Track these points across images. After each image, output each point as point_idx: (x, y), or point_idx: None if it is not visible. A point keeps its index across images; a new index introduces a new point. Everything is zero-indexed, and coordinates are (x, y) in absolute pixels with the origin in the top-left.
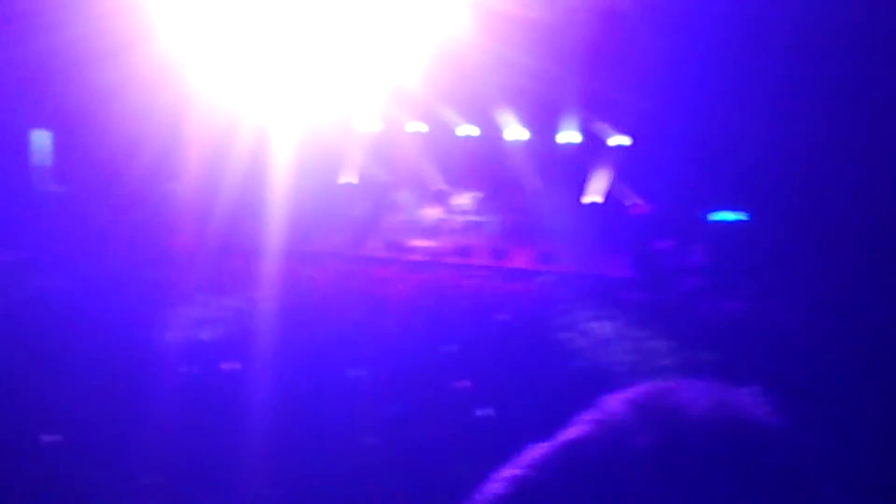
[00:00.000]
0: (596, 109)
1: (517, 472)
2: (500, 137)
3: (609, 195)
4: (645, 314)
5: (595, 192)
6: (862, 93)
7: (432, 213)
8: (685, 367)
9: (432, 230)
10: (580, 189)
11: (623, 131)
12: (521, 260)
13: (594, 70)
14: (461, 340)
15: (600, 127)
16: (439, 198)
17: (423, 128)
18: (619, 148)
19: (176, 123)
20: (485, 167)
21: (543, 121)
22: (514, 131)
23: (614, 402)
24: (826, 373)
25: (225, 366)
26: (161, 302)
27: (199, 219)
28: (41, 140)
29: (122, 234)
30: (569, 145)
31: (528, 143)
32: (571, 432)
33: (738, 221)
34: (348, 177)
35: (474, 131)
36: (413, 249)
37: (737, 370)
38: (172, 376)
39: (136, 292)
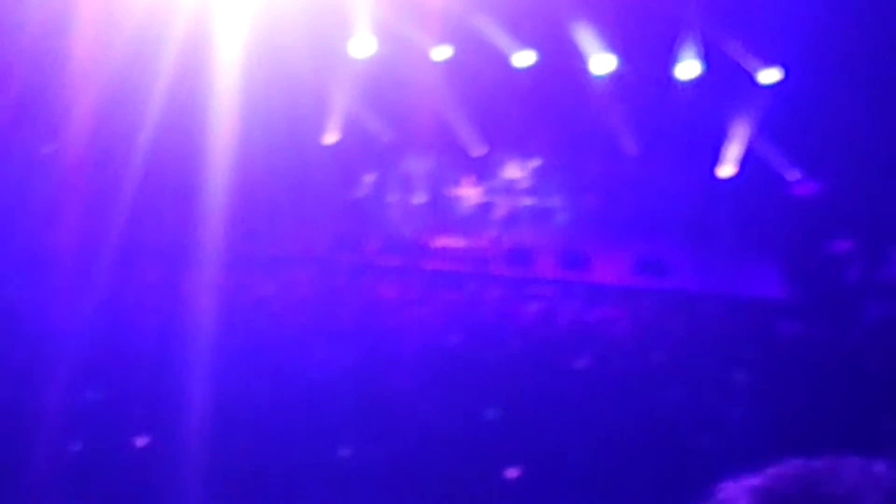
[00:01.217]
0: (732, 22)
1: None
2: (576, 68)
3: (753, 165)
4: (808, 360)
5: (731, 159)
6: None
7: (468, 193)
8: (861, 443)
9: (468, 221)
10: (706, 155)
11: (775, 59)
12: (608, 270)
13: None
14: (512, 402)
15: (738, 51)
16: (479, 168)
17: (449, 51)
18: (770, 87)
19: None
20: (551, 119)
21: (646, 41)
22: (600, 58)
23: (735, 491)
24: None
25: (139, 441)
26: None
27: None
28: None
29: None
30: (686, 81)
31: (621, 76)
32: None
33: None
34: (333, 133)
35: (532, 57)
36: (438, 253)
37: None
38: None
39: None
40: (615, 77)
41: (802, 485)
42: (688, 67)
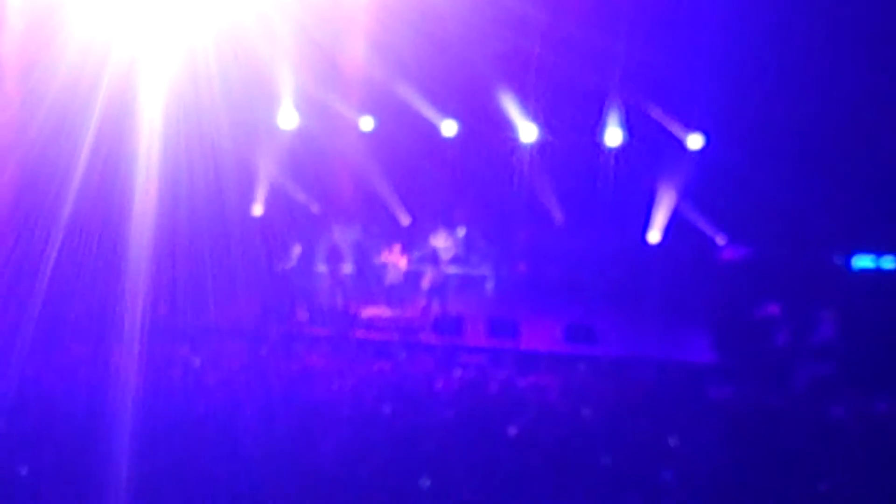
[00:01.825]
0: (655, 92)
1: None
2: (501, 137)
3: (680, 230)
4: (738, 423)
5: (658, 225)
6: None
7: (396, 262)
8: None
9: (396, 291)
10: (633, 221)
11: (699, 125)
12: (538, 338)
13: (642, 39)
14: (444, 470)
15: (662, 118)
16: (406, 237)
17: (372, 122)
18: (695, 153)
19: None
20: (478, 187)
21: (570, 109)
22: (525, 127)
23: None
24: None
25: None
26: None
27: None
28: None
29: None
30: (612, 148)
31: (547, 144)
32: None
33: (890, 272)
34: (260, 204)
35: (453, 128)
36: (367, 322)
37: None
38: None
39: None
40: (541, 145)
41: None
42: (613, 134)
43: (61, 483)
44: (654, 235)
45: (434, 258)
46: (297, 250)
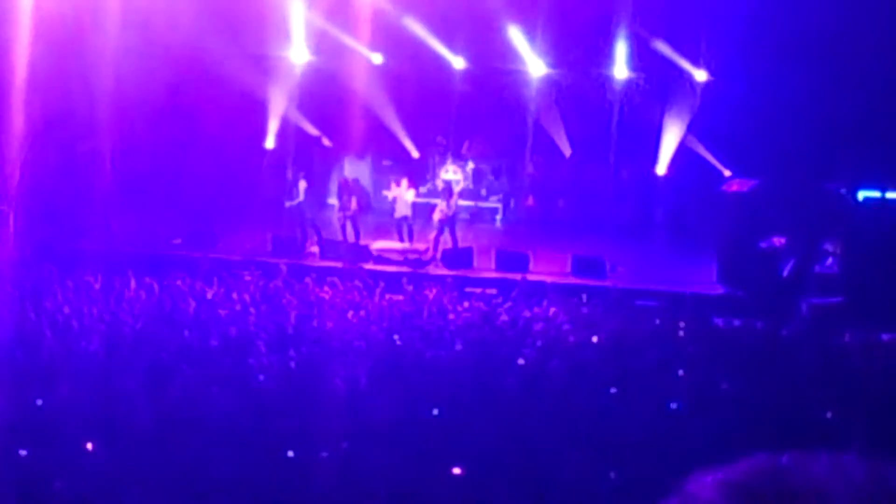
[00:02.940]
0: (663, 26)
1: None
2: (511, 71)
3: (689, 163)
4: (743, 356)
5: (666, 158)
6: None
7: (406, 195)
8: (804, 436)
9: (405, 223)
10: (641, 154)
11: (707, 59)
12: (546, 270)
13: None
14: (454, 399)
15: (671, 52)
16: (417, 171)
17: (382, 57)
18: (703, 86)
19: None
20: (488, 122)
21: (579, 43)
22: (535, 62)
23: (702, 486)
24: None
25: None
26: None
27: None
28: None
29: None
30: (620, 82)
31: (555, 78)
32: None
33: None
34: (273, 139)
35: (466, 61)
36: (376, 255)
37: (886, 438)
38: None
39: None
40: (549, 79)
41: (771, 479)
42: (620, 68)
43: (85, 416)
44: (661, 168)
45: (444, 191)
46: (303, 184)
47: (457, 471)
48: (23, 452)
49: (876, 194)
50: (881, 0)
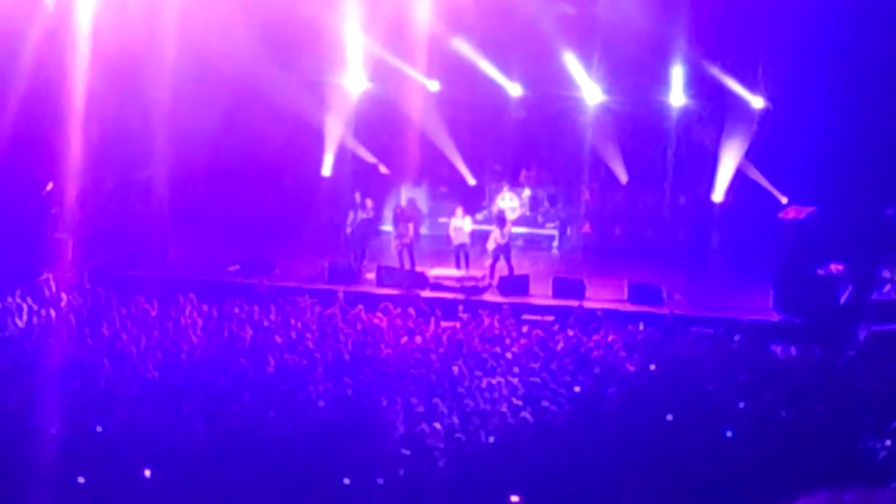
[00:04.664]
0: (719, 52)
1: None
2: (567, 98)
3: (746, 190)
4: (802, 383)
5: (723, 185)
6: None
7: (462, 223)
8: (861, 467)
9: (461, 251)
10: (698, 181)
11: (764, 86)
12: (604, 296)
13: None
14: (510, 426)
15: (728, 79)
16: (473, 198)
17: (438, 85)
18: (759, 113)
19: None
20: (544, 149)
21: (636, 70)
22: (591, 89)
23: None
24: None
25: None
26: None
27: None
28: None
29: None
30: (677, 109)
31: (611, 106)
32: None
33: None
34: (330, 166)
35: (522, 89)
36: (434, 282)
37: None
38: None
39: None
40: (605, 106)
41: None
42: (677, 94)
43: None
44: (717, 195)
45: (497, 219)
46: (370, 203)
47: (515, 499)
48: (81, 480)
49: None
50: None
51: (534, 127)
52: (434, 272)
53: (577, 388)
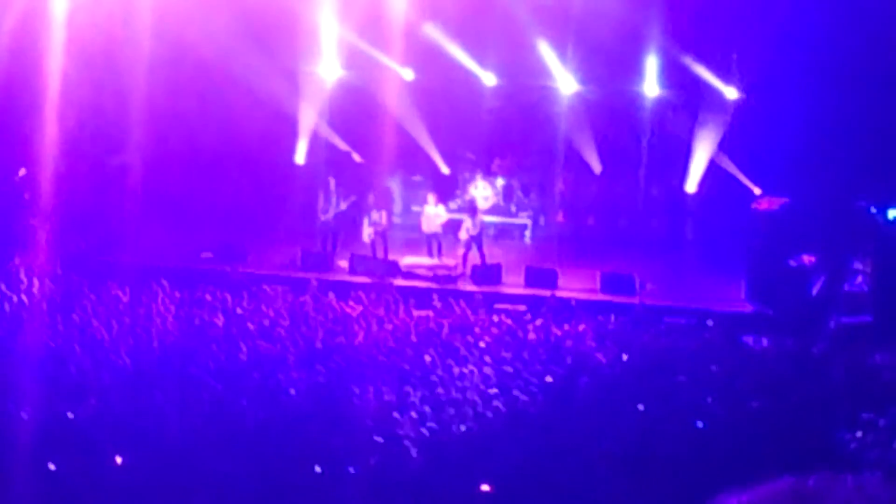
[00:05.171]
0: (693, 43)
1: None
2: (541, 88)
3: (719, 181)
4: (773, 374)
5: (696, 175)
6: None
7: (435, 211)
8: (831, 456)
9: (434, 239)
10: (671, 172)
11: (737, 76)
12: (577, 285)
13: None
14: (483, 416)
15: (702, 69)
16: (446, 187)
17: (413, 74)
18: (734, 104)
19: None
20: (517, 138)
21: (610, 60)
22: (565, 78)
23: None
24: None
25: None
26: None
27: None
28: None
29: None
30: (651, 99)
31: (585, 95)
32: None
33: None
34: (303, 154)
35: (497, 78)
36: (406, 270)
37: None
38: None
39: None
40: (579, 96)
41: (796, 502)
42: (652, 86)
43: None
44: (691, 185)
45: (468, 209)
46: (344, 203)
47: (485, 487)
48: (52, 466)
49: None
50: None
51: (508, 116)
52: (406, 261)
53: (548, 378)
